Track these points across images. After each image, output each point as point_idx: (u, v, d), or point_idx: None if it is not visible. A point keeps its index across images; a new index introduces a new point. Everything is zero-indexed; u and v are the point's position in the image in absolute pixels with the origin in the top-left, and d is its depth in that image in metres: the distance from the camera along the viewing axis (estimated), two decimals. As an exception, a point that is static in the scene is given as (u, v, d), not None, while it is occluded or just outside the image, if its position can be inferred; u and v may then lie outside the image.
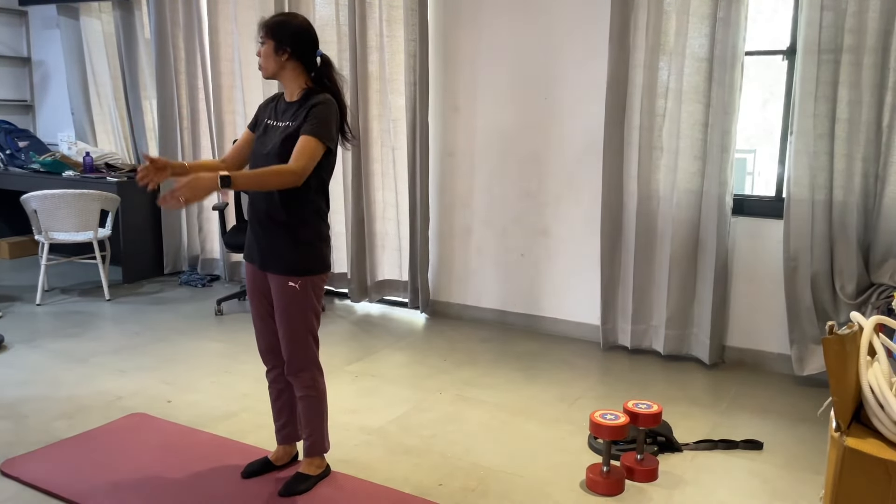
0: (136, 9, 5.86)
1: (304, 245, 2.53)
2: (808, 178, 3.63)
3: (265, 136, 2.55)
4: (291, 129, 2.47)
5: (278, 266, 2.53)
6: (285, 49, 2.47)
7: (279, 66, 2.50)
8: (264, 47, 2.49)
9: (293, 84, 2.54)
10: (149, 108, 6.00)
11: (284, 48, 2.47)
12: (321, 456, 2.73)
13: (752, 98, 5.38)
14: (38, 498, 2.61)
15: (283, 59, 2.48)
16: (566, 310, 4.52)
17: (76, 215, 4.93)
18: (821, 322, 3.73)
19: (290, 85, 2.54)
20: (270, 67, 2.50)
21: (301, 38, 2.49)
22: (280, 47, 2.47)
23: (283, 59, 2.48)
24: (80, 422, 3.21)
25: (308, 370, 2.61)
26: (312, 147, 2.41)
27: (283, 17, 2.53)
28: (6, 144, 6.12)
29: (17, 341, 4.23)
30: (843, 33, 3.48)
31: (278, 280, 2.54)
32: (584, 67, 4.25)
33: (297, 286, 2.52)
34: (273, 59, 2.48)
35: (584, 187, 4.36)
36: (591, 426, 2.71)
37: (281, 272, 2.53)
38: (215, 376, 3.77)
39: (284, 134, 2.47)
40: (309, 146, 2.41)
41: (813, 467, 2.92)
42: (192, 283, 5.60)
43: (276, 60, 2.48)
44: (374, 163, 4.85)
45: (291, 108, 2.52)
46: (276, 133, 2.51)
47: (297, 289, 2.52)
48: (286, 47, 2.47)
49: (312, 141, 2.42)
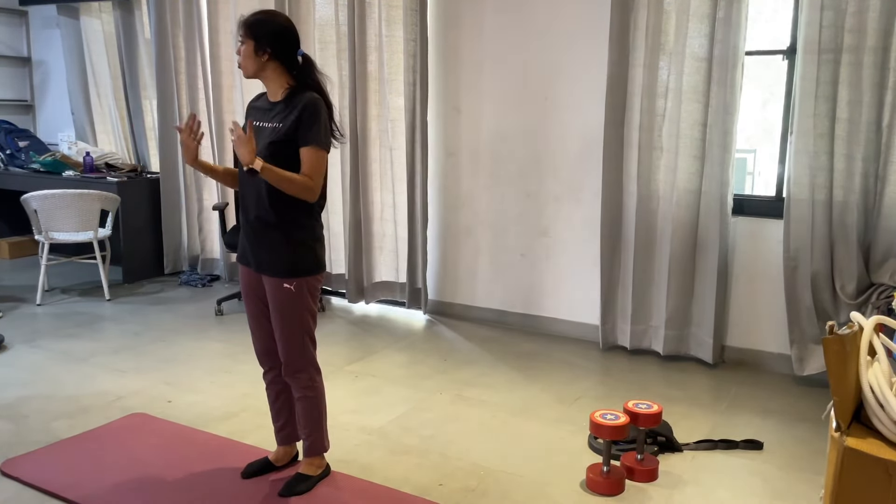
0: (136, 8, 5.86)
1: (297, 246, 2.51)
2: (809, 178, 3.63)
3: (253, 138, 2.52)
4: (280, 131, 2.43)
5: (272, 268, 2.51)
6: (265, 49, 2.42)
7: (259, 67, 2.44)
8: (244, 47, 2.43)
9: (275, 84, 2.49)
10: (149, 108, 6.01)
11: (264, 48, 2.42)
12: (321, 456, 2.73)
13: (751, 98, 5.38)
14: (39, 498, 2.61)
15: (264, 60, 2.43)
16: (566, 310, 4.52)
17: (76, 215, 4.93)
18: (821, 322, 3.73)
19: (272, 85, 2.50)
20: (250, 67, 2.44)
21: (281, 38, 2.44)
22: (260, 47, 2.41)
23: (264, 59, 2.43)
24: (80, 422, 3.22)
25: (305, 371, 2.61)
26: (319, 159, 2.43)
27: (262, 15, 2.46)
28: (6, 144, 6.12)
29: (17, 341, 4.23)
30: (843, 33, 3.47)
31: (273, 282, 2.52)
32: (584, 67, 4.25)
33: (291, 287, 2.50)
34: (253, 60, 2.43)
35: (584, 187, 4.36)
36: (592, 426, 2.71)
37: (275, 274, 2.51)
38: (215, 376, 3.78)
39: (273, 136, 2.43)
40: (317, 159, 2.42)
41: (813, 467, 2.92)
42: (192, 283, 5.60)
43: (257, 61, 2.43)
44: (373, 163, 4.84)
45: (276, 109, 2.47)
46: (262, 135, 2.47)
47: (292, 290, 2.50)
48: (266, 48, 2.42)
49: (317, 152, 2.42)
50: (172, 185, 5.73)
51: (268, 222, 2.48)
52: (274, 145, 2.42)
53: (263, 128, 2.49)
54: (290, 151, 2.44)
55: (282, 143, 2.42)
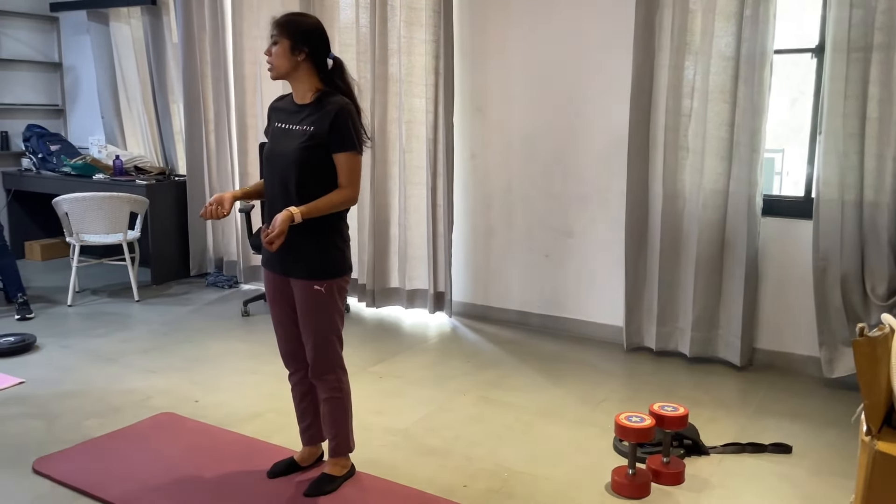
0: (164, 13, 5.94)
1: (327, 248, 2.52)
2: (838, 178, 3.57)
3: (278, 140, 2.51)
4: (310, 134, 2.42)
5: (302, 270, 2.52)
6: (302, 49, 2.42)
7: (293, 67, 2.43)
8: (278, 47, 2.42)
9: (304, 85, 2.49)
10: (176, 112, 6.08)
11: (301, 48, 2.42)
12: (346, 456, 2.74)
13: (779, 97, 5.31)
14: (70, 496, 2.66)
15: (299, 60, 2.43)
16: (590, 311, 4.50)
17: (106, 218, 5.01)
18: (851, 324, 3.67)
19: (301, 86, 2.49)
20: (284, 67, 2.43)
21: (317, 39, 2.45)
22: (296, 47, 2.42)
23: (300, 59, 2.43)
24: (110, 421, 3.27)
25: (333, 372, 2.62)
26: (356, 164, 2.48)
27: (297, 15, 2.48)
28: (38, 148, 6.24)
29: (49, 341, 4.31)
30: (872, 31, 3.42)
31: (302, 284, 2.52)
32: (609, 67, 4.23)
33: (322, 289, 2.51)
34: (288, 59, 2.42)
35: (608, 188, 4.34)
36: (617, 429, 2.70)
37: (305, 276, 2.51)
38: (242, 376, 3.81)
39: (304, 140, 2.43)
40: (353, 165, 2.47)
41: (843, 471, 2.87)
42: (218, 284, 5.66)
43: (292, 60, 2.42)
44: (393, 165, 4.85)
45: (305, 111, 2.47)
46: (292, 138, 2.46)
47: (322, 292, 2.51)
48: (303, 47, 2.42)
49: (353, 157, 2.46)
50: (198, 188, 5.80)
51: (298, 225, 2.47)
52: (308, 150, 2.43)
53: (291, 130, 2.49)
54: (321, 154, 2.45)
55: (314, 147, 2.43)
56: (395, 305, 5.05)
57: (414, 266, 4.94)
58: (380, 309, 5.04)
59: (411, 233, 4.89)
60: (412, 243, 4.91)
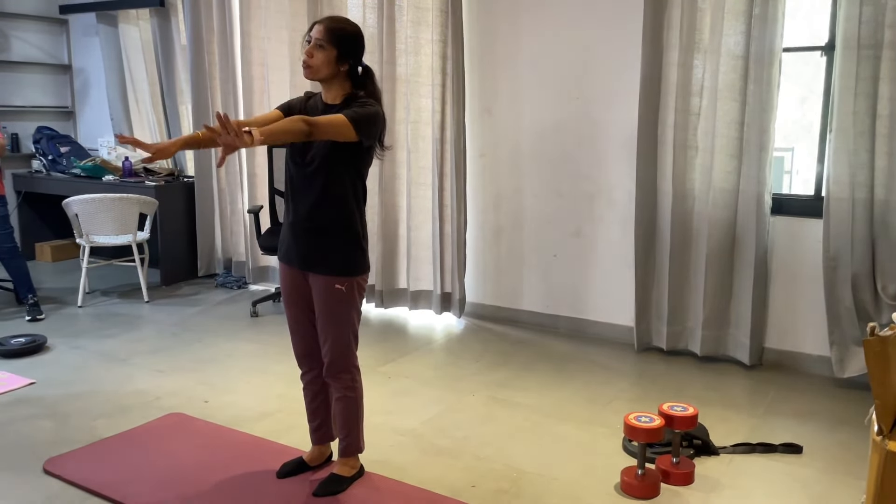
0: (173, 15, 5.97)
1: (348, 245, 2.51)
2: (848, 177, 3.55)
3: None
4: None
5: (323, 267, 2.51)
6: (348, 60, 2.45)
7: (334, 74, 2.45)
8: (324, 53, 2.40)
9: (337, 89, 2.50)
10: (185, 113, 6.11)
11: (347, 59, 2.44)
12: (356, 457, 2.75)
13: (789, 95, 5.28)
14: (81, 496, 2.67)
15: (342, 69, 2.45)
16: (600, 311, 4.49)
17: (116, 219, 5.03)
18: (861, 323, 3.64)
19: (334, 90, 2.50)
20: (324, 72, 2.43)
21: (360, 50, 2.49)
22: (342, 57, 2.43)
23: (343, 69, 2.45)
24: (120, 421, 3.28)
25: (348, 371, 2.62)
26: (341, 125, 2.32)
27: (345, 23, 2.48)
28: (48, 150, 6.28)
29: (59, 342, 4.34)
30: (882, 28, 3.40)
31: (323, 281, 2.52)
32: (618, 66, 4.22)
33: (343, 288, 2.51)
34: (333, 67, 2.42)
35: (617, 187, 4.32)
36: (626, 429, 2.69)
37: (327, 273, 2.51)
38: (251, 377, 3.82)
39: None
40: (337, 124, 2.32)
41: (854, 472, 2.85)
42: (227, 284, 5.68)
43: (335, 68, 2.43)
44: (401, 166, 4.86)
45: (333, 111, 2.46)
46: None
47: (343, 291, 2.51)
48: (349, 59, 2.45)
49: (344, 123, 2.33)
50: (206, 189, 5.82)
51: (321, 221, 2.46)
52: (335, 147, 2.41)
53: None
54: (346, 154, 2.44)
55: (340, 145, 2.41)
56: (403, 306, 5.05)
57: (421, 266, 4.94)
58: (388, 310, 5.04)
59: (418, 233, 4.89)
60: (419, 244, 4.90)
